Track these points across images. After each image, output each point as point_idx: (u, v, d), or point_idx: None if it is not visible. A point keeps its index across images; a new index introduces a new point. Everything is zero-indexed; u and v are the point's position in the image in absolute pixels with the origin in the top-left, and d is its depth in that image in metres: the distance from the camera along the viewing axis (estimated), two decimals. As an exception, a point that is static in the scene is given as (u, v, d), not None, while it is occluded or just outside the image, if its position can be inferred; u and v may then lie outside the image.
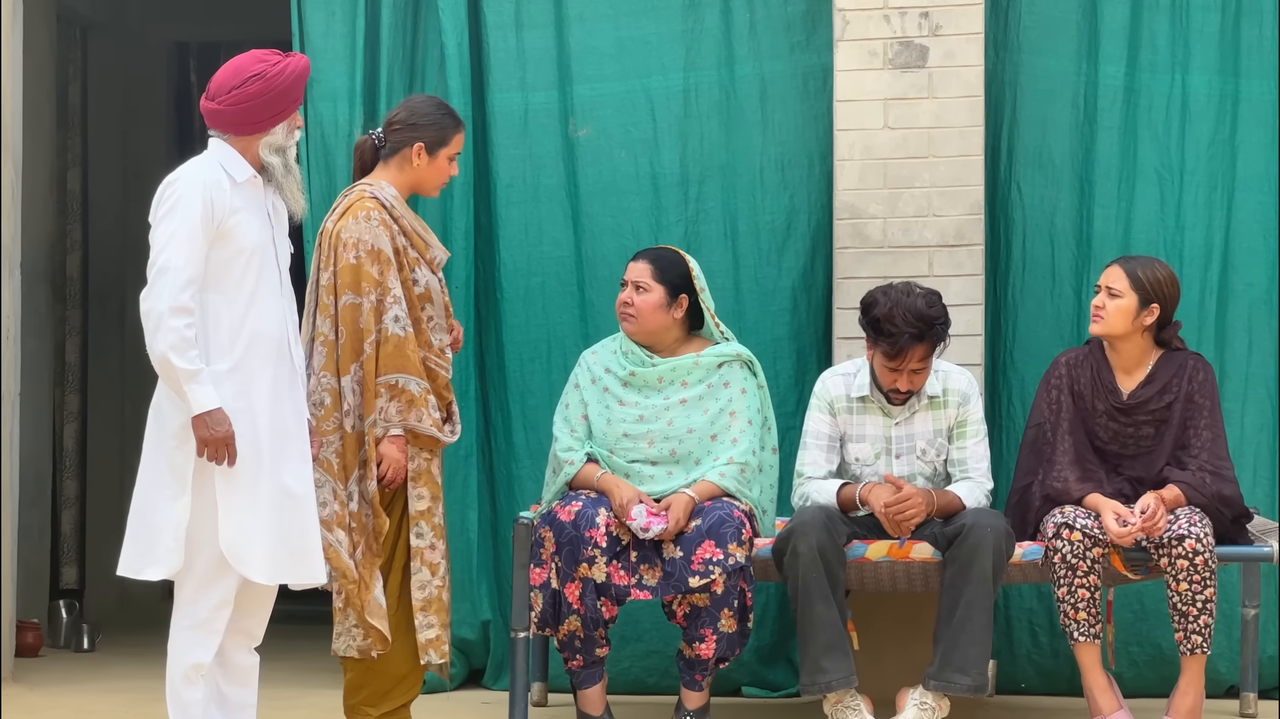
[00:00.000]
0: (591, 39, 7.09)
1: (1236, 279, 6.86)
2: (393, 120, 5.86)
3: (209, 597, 5.12)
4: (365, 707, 5.77)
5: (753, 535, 6.03)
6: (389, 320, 5.67)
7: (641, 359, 6.24)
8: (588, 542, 5.94)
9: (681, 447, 6.17)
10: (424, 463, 5.77)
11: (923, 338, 6.01)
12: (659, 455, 6.18)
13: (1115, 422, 6.13)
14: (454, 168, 5.90)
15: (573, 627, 5.98)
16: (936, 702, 5.98)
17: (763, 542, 6.09)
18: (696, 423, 6.17)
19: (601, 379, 6.28)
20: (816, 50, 6.99)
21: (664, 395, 6.22)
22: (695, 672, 6.05)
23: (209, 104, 5.23)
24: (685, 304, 6.23)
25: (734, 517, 5.96)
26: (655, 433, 6.19)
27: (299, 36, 7.16)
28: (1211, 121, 6.88)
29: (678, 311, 6.23)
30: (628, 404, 6.21)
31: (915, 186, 6.78)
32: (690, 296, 6.23)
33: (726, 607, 5.94)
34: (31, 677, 7.50)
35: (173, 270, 5.05)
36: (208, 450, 5.04)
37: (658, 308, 6.21)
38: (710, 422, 6.18)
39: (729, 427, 6.17)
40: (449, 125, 5.86)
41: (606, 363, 6.30)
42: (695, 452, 6.17)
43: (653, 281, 6.21)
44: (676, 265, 6.24)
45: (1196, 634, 5.89)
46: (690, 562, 5.91)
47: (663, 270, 6.23)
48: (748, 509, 6.07)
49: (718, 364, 6.23)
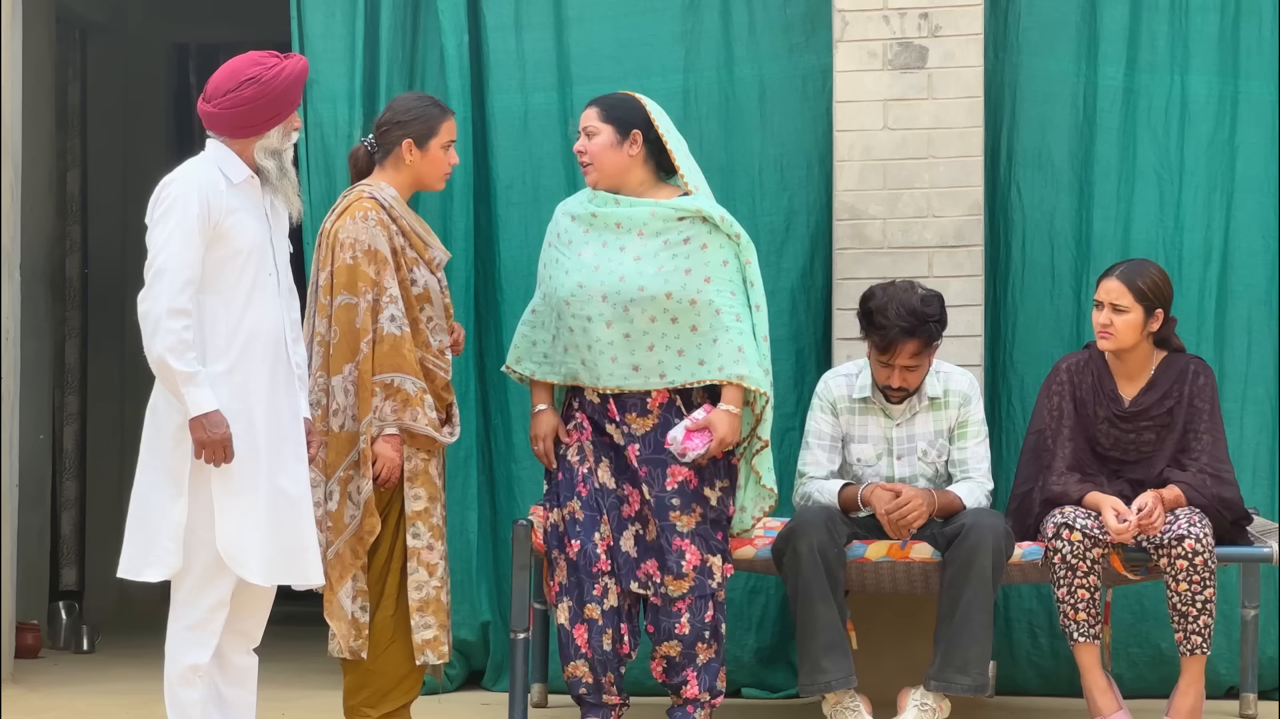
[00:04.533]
0: (591, 40, 7.10)
1: (1236, 280, 6.86)
2: (380, 123, 5.88)
3: (205, 598, 5.12)
4: (364, 708, 5.77)
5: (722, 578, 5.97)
6: (385, 320, 5.67)
7: (606, 199, 5.98)
8: (595, 577, 5.95)
9: (634, 326, 5.87)
10: (421, 463, 5.77)
11: (913, 333, 6.01)
12: (613, 315, 5.88)
13: (1116, 428, 6.13)
14: (452, 156, 5.90)
15: (579, 672, 5.99)
16: (937, 702, 5.98)
17: (763, 540, 6.10)
18: (648, 281, 5.87)
19: (566, 232, 6.04)
20: (816, 51, 6.99)
21: (620, 245, 5.93)
22: (691, 706, 6.02)
23: (205, 106, 5.23)
24: (639, 140, 5.94)
25: (707, 620, 5.92)
26: (608, 288, 5.89)
27: (298, 38, 7.16)
28: (1211, 122, 6.88)
29: (632, 148, 5.94)
30: (585, 255, 5.97)
31: (915, 187, 6.78)
32: (648, 134, 5.96)
33: (700, 641, 5.93)
34: (31, 678, 7.50)
35: (170, 272, 5.04)
36: (205, 453, 5.04)
37: (608, 147, 5.96)
38: (664, 280, 5.87)
39: (697, 301, 5.86)
40: (434, 115, 5.86)
41: (572, 209, 6.05)
42: (653, 334, 5.88)
43: (599, 123, 5.97)
44: (625, 103, 6.00)
45: (1196, 635, 5.89)
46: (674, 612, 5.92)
47: (609, 109, 6.00)
48: (719, 583, 5.96)
49: (677, 217, 5.93)
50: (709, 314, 5.88)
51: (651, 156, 6.01)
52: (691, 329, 5.89)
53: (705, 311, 5.88)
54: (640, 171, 5.98)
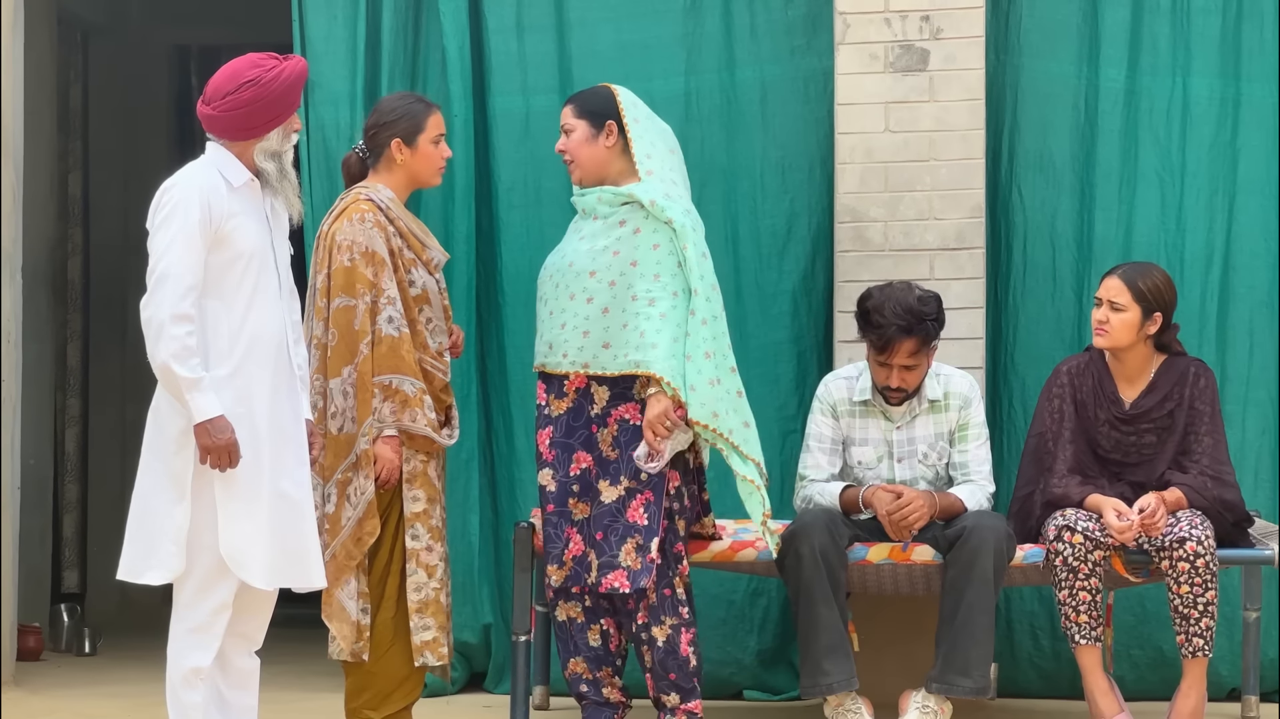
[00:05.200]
0: (592, 42, 7.10)
1: (1238, 282, 6.86)
2: (368, 127, 5.91)
3: (208, 601, 5.12)
4: (366, 710, 5.77)
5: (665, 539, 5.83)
6: (383, 321, 5.68)
7: (580, 190, 5.98)
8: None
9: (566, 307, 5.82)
10: (420, 465, 5.77)
11: (910, 332, 6.01)
12: (553, 295, 5.88)
13: (1117, 430, 6.13)
14: (444, 149, 5.90)
15: (579, 668, 5.99)
16: (939, 705, 5.98)
17: (765, 543, 6.09)
18: (580, 260, 5.85)
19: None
20: (817, 54, 6.99)
21: (581, 234, 5.92)
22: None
23: (205, 109, 5.23)
24: (614, 130, 5.89)
25: (681, 653, 5.86)
26: (556, 271, 5.91)
27: (300, 40, 7.16)
28: (1212, 124, 6.88)
29: (608, 140, 5.89)
30: (563, 243, 6.01)
31: (916, 190, 6.78)
32: (623, 124, 5.92)
33: (655, 624, 5.86)
34: (33, 680, 7.50)
35: (173, 277, 5.04)
36: (211, 458, 5.03)
37: (584, 141, 5.93)
38: (592, 259, 5.83)
39: (616, 284, 5.79)
40: (419, 111, 5.87)
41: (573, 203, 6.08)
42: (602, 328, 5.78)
43: (574, 119, 5.96)
44: (599, 95, 5.97)
45: (1198, 637, 5.89)
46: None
47: (582, 104, 5.97)
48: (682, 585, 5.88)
49: (619, 202, 5.87)
50: (624, 298, 5.79)
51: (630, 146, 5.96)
52: (603, 311, 5.82)
53: (621, 295, 5.80)
54: (620, 162, 5.92)
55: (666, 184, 5.89)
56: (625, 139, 5.91)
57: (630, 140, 5.91)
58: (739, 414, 5.83)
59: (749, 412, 5.88)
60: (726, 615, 6.93)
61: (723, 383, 5.77)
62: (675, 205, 5.83)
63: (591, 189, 5.92)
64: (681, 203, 5.88)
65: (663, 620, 5.83)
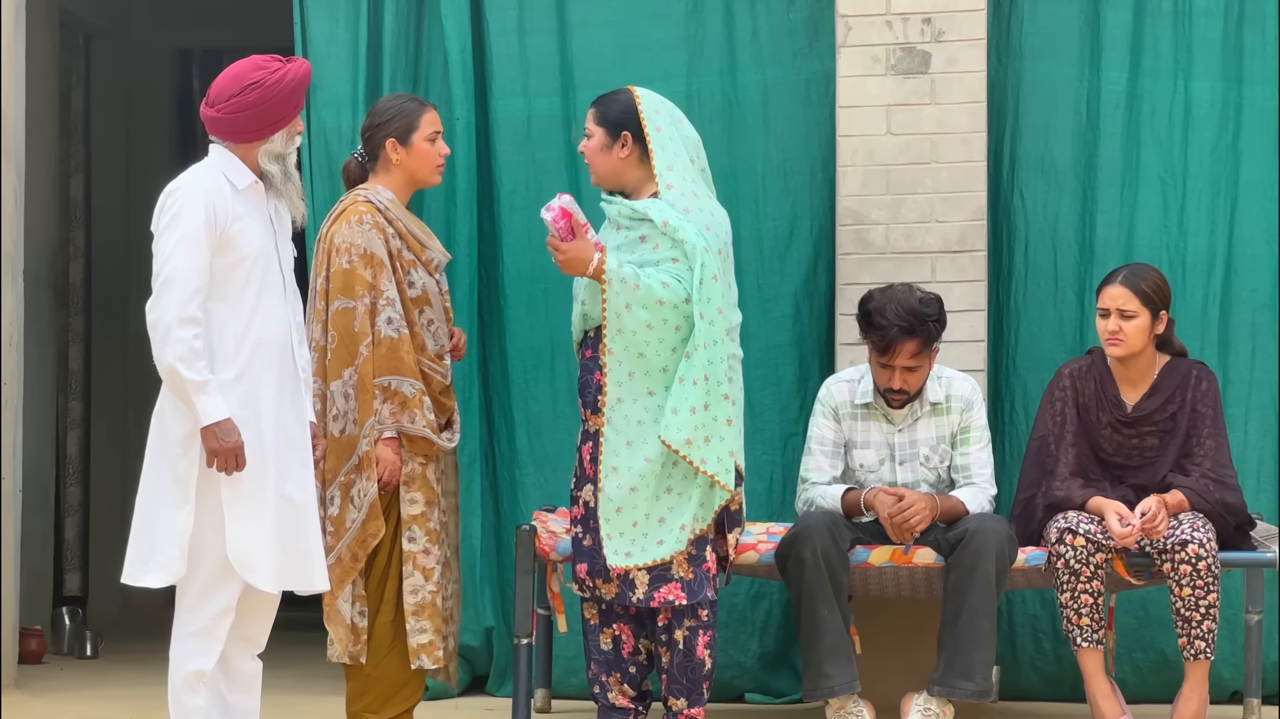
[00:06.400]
0: (594, 45, 7.10)
1: (1240, 285, 6.85)
2: (364, 130, 5.93)
3: (211, 604, 5.12)
4: (367, 713, 5.78)
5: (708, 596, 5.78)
6: (382, 323, 5.69)
7: (608, 199, 5.92)
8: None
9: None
10: (418, 467, 5.78)
11: (912, 333, 6.01)
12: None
13: (1119, 433, 6.13)
14: (441, 147, 5.91)
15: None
16: (941, 708, 5.98)
17: (766, 545, 6.09)
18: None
19: None
20: (819, 56, 7.00)
21: (606, 242, 5.81)
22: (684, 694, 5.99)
23: (208, 111, 5.23)
24: (629, 141, 5.79)
25: (697, 656, 5.80)
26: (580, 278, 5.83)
27: (302, 43, 7.16)
28: (1214, 127, 6.88)
29: (623, 151, 5.81)
30: None
31: (918, 192, 6.78)
32: (641, 134, 5.81)
33: (677, 626, 5.82)
34: (35, 684, 7.50)
35: (179, 281, 5.03)
36: (218, 461, 5.03)
37: (599, 150, 5.86)
38: None
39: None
40: (412, 110, 5.87)
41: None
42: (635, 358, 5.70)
43: (594, 125, 5.89)
44: (619, 102, 5.86)
45: (1200, 640, 5.89)
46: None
47: (603, 111, 5.89)
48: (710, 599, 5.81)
49: (634, 216, 5.79)
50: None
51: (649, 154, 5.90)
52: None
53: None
54: (638, 171, 5.86)
55: (686, 197, 5.81)
56: (645, 148, 5.83)
57: (651, 151, 5.82)
58: (724, 443, 5.68)
59: (737, 438, 5.76)
60: (728, 618, 6.93)
61: (710, 409, 5.68)
62: (689, 226, 5.74)
63: (613, 199, 5.89)
64: (698, 220, 5.77)
65: (683, 622, 5.83)
